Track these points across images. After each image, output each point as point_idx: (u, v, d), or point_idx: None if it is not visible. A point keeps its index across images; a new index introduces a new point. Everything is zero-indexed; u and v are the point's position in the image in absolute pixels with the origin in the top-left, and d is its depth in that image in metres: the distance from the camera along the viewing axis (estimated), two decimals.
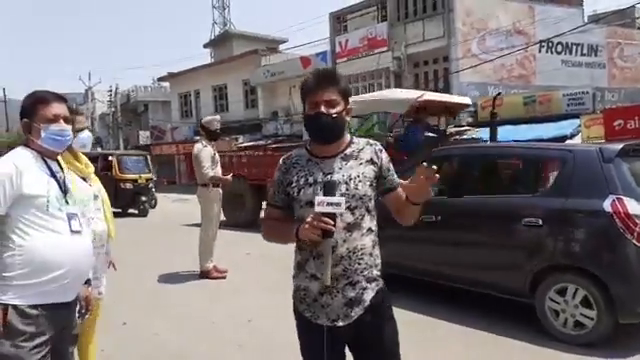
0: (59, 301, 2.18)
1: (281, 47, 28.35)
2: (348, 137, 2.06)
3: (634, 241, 3.81)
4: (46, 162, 2.26)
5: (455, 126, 17.25)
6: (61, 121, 2.27)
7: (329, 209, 1.82)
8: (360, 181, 1.96)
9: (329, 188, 1.87)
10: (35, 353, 2.08)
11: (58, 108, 2.28)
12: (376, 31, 19.77)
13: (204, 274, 6.56)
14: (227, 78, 27.19)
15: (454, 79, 17.84)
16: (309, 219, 1.85)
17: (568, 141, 14.35)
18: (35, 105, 2.26)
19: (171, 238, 10.04)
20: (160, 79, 33.96)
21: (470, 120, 17.43)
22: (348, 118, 2.03)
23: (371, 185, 1.99)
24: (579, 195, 4.12)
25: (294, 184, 2.00)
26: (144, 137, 33.08)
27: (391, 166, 2.07)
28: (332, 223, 1.84)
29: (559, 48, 19.23)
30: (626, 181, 4.03)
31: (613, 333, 3.97)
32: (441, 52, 18.39)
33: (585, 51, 19.77)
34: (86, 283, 2.44)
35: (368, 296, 1.96)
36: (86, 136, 3.22)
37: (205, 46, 33.90)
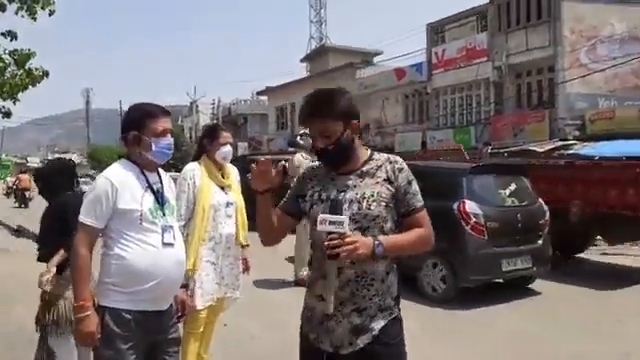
0: (152, 309, 2.25)
1: (376, 60, 28.40)
2: (367, 153, 1.97)
3: (468, 230, 5.89)
4: (144, 174, 2.32)
5: (561, 140, 16.30)
6: (169, 135, 2.36)
7: (331, 228, 1.72)
8: (374, 201, 1.85)
9: (334, 207, 1.77)
10: (129, 355, 2.16)
11: (166, 122, 2.35)
12: (475, 41, 19.19)
13: (298, 282, 6.67)
14: None
15: (560, 90, 16.82)
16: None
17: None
18: (144, 118, 2.31)
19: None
20: (259, 93, 35.35)
21: (577, 133, 16.33)
22: (358, 134, 1.93)
23: (387, 206, 1.87)
24: (447, 199, 5.99)
25: (307, 198, 1.95)
26: (242, 148, 34.55)
27: (412, 188, 1.91)
28: (335, 243, 1.71)
29: None
30: (471, 189, 6.14)
31: (458, 293, 6.04)
32: (546, 62, 17.44)
33: None
34: (183, 287, 2.53)
35: (377, 325, 1.83)
36: (227, 150, 3.52)
37: (302, 60, 34.78)
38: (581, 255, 8.87)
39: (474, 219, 5.86)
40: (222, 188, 3.50)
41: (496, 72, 18.51)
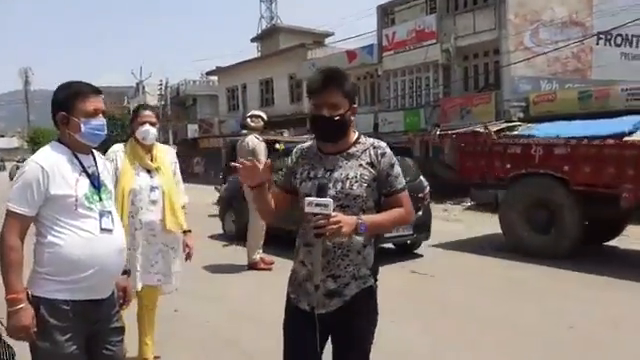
0: (90, 298, 2.16)
1: (327, 41, 28.32)
2: (355, 135, 2.12)
3: None
4: (77, 157, 2.20)
5: (506, 121, 16.85)
6: (100, 115, 2.22)
7: (317, 210, 1.88)
8: (356, 181, 2.02)
9: (320, 189, 1.97)
10: (67, 347, 2.09)
11: (97, 102, 2.22)
12: (425, 23, 19.43)
13: (252, 265, 6.66)
14: (273, 72, 27.41)
15: (505, 73, 17.33)
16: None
17: (626, 138, 13.72)
18: (72, 98, 2.19)
19: (207, 227, 9.80)
20: (209, 73, 34.60)
21: (521, 115, 16.90)
22: (353, 118, 2.09)
23: (369, 187, 2.04)
24: None
25: (298, 175, 2.14)
26: (192, 130, 33.84)
27: (393, 171, 2.07)
28: (322, 224, 1.88)
29: (618, 40, 18.33)
30: None
31: None
32: (492, 45, 17.90)
33: None
34: (125, 274, 2.41)
35: (350, 291, 2.03)
36: (145, 129, 3.38)
37: (252, 40, 34.27)
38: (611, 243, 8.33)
39: None
40: (149, 171, 3.36)
41: (444, 55, 18.83)
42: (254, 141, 6.63)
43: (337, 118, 2.02)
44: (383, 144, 2.11)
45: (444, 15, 18.99)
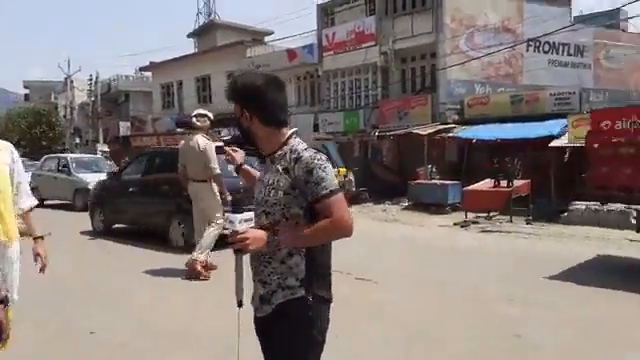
0: None
1: (267, 39, 27.93)
2: (284, 138, 2.02)
3: None
4: None
5: (441, 123, 17.21)
6: None
7: (227, 225, 2.00)
8: (273, 188, 1.97)
9: (233, 204, 2.11)
10: None
11: None
12: (364, 25, 19.50)
13: (191, 267, 6.08)
14: (211, 69, 26.69)
15: (441, 76, 17.68)
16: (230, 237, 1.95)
17: (555, 141, 14.35)
18: None
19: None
20: (142, 69, 33.25)
21: (456, 117, 17.33)
22: (258, 120, 2.02)
23: (288, 194, 1.94)
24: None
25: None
26: (124, 128, 32.39)
27: (312, 177, 1.89)
28: (229, 240, 1.89)
29: (546, 47, 19.19)
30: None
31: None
32: (429, 48, 18.21)
33: (572, 51, 19.77)
34: (1, 303, 2.03)
35: (276, 300, 1.98)
36: None
37: (189, 36, 33.29)
38: None
39: None
40: None
41: (383, 57, 18.98)
42: (204, 141, 6.31)
43: (242, 126, 2.09)
44: (300, 148, 1.96)
45: (383, 17, 19.14)
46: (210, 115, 6.70)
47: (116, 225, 9.70)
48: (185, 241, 7.57)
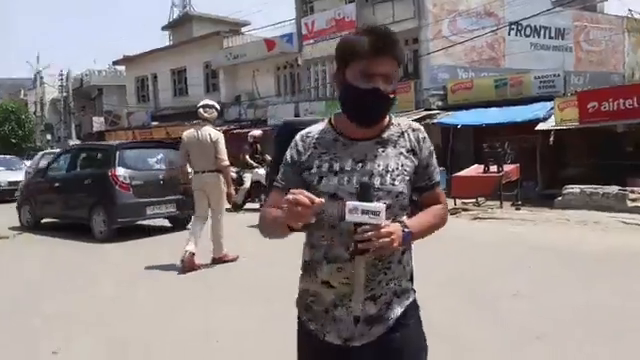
0: None
1: (244, 29, 27.31)
2: (387, 117, 1.66)
3: (117, 188, 8.15)
4: None
5: (425, 109, 16.97)
6: None
7: (364, 218, 1.40)
8: (398, 175, 1.59)
9: (364, 192, 1.45)
10: None
11: None
12: (344, 12, 19.10)
13: (221, 259, 6.38)
14: (187, 61, 26.01)
15: (424, 62, 17.42)
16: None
17: (541, 124, 14.24)
18: None
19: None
20: (115, 62, 32.28)
21: (440, 104, 17.12)
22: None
23: (410, 180, 1.62)
24: (105, 167, 8.46)
25: (314, 170, 1.62)
26: (98, 123, 31.47)
27: (433, 160, 1.68)
28: (370, 236, 1.41)
29: (528, 31, 19.07)
30: (122, 159, 8.40)
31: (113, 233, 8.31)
32: (411, 34, 17.88)
33: (553, 34, 19.70)
34: None
35: (394, 313, 1.60)
36: None
37: (164, 28, 32.38)
38: None
39: (121, 180, 8.17)
40: None
41: None
42: (216, 132, 6.33)
43: (392, 95, 1.57)
44: (421, 127, 1.69)
45: (363, 4, 18.76)
46: (217, 105, 6.67)
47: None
48: (101, 231, 8.35)
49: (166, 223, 9.21)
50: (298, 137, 1.68)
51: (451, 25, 17.57)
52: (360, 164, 1.58)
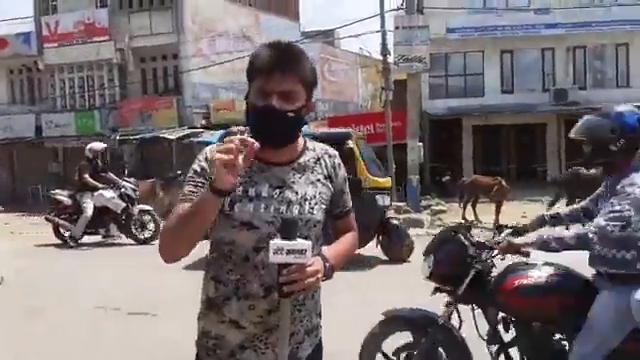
0: None
1: None
2: (302, 140, 1.58)
3: None
4: None
5: (189, 127, 16.69)
6: None
7: (290, 259, 1.30)
8: (316, 203, 1.52)
9: (289, 228, 1.34)
10: None
11: None
12: (94, 16, 17.61)
13: None
14: None
15: (185, 78, 17.19)
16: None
17: None
18: None
19: None
20: None
21: (204, 122, 17.07)
22: (308, 115, 1.57)
23: (326, 208, 1.56)
24: None
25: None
26: None
27: (346, 187, 1.65)
28: (293, 277, 1.32)
29: None
30: None
31: None
32: (170, 49, 17.50)
33: None
34: None
35: (305, 353, 1.54)
36: None
37: None
38: None
39: None
40: None
41: (119, 54, 17.44)
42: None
43: (291, 114, 1.44)
44: (336, 152, 1.63)
45: (117, 11, 17.60)
46: None
47: None
48: None
49: None
50: (208, 150, 1.50)
51: (211, 44, 17.77)
52: (277, 190, 1.48)
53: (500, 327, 2.61)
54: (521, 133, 18.93)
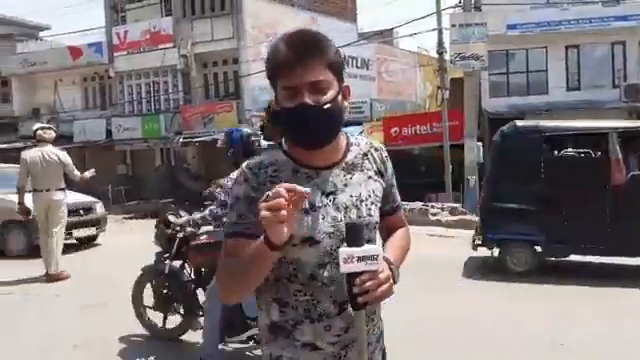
0: None
1: (42, 34, 24.48)
2: (342, 135, 1.40)
3: None
4: None
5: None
6: None
7: (362, 266, 1.19)
8: (372, 203, 1.40)
9: (355, 234, 1.21)
10: None
11: None
12: (160, 25, 18.40)
13: (55, 277, 6.46)
14: None
15: (245, 82, 17.64)
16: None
17: None
18: None
19: None
20: None
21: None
22: (346, 103, 1.35)
23: (379, 206, 1.45)
24: None
25: None
26: None
27: (394, 179, 1.52)
28: (367, 287, 1.20)
29: None
30: None
31: None
32: (231, 54, 18.01)
33: (359, 64, 21.63)
34: None
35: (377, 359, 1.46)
36: None
37: None
38: None
39: None
40: None
41: (183, 60, 18.17)
42: (61, 152, 6.78)
43: (328, 105, 1.27)
44: (381, 145, 1.52)
45: (180, 19, 18.32)
46: (54, 127, 7.40)
47: None
48: None
49: None
50: (246, 169, 1.34)
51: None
52: (331, 197, 1.33)
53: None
54: None
